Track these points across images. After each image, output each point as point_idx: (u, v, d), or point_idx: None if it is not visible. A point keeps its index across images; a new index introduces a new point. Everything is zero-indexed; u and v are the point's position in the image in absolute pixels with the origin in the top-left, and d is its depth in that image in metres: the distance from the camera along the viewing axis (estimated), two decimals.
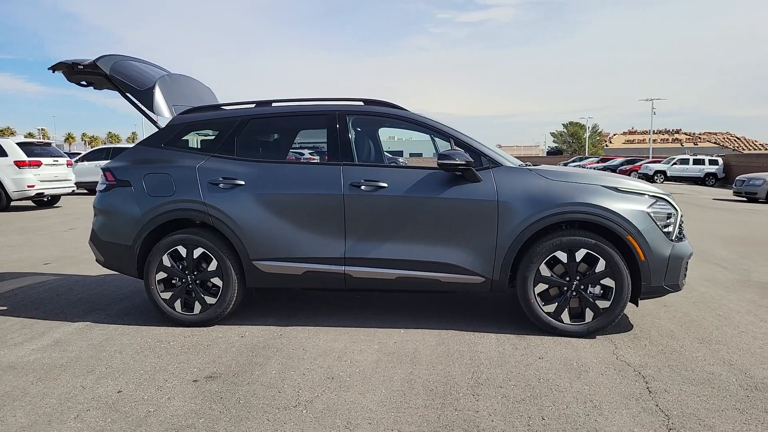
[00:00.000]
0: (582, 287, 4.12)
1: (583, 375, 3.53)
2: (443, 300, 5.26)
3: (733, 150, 79.50)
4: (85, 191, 20.35)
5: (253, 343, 4.14)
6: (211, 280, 4.48)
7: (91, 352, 4.02)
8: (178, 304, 4.53)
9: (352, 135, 4.48)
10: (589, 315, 4.14)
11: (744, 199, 19.28)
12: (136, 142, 5.36)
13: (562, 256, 4.10)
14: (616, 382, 3.44)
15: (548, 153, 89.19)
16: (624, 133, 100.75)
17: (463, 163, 4.08)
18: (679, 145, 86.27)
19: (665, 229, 4.09)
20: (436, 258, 4.22)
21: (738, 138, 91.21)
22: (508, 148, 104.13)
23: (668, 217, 4.12)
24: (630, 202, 4.08)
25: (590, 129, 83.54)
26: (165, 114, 4.80)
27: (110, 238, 4.68)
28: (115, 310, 5.06)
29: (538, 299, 4.17)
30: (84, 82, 5.15)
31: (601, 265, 4.07)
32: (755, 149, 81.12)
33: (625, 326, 4.45)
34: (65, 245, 8.70)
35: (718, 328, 4.44)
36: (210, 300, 4.48)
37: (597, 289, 4.12)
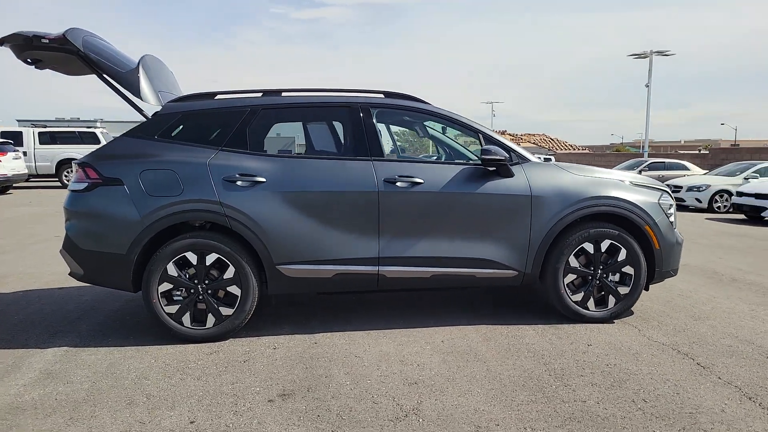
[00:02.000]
0: (605, 276, 4.37)
1: (640, 357, 3.75)
2: (445, 296, 5.25)
3: (548, 150, 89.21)
4: None
5: (295, 355, 3.78)
6: (227, 288, 4.00)
7: (106, 380, 3.38)
8: (186, 318, 3.98)
9: (379, 129, 4.28)
10: (611, 301, 4.40)
11: None
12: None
13: (589, 247, 4.31)
14: (669, 361, 3.70)
15: None
16: (501, 132, 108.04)
17: (503, 158, 4.11)
18: None
19: (670, 219, 4.49)
20: (471, 254, 4.20)
21: (552, 139, 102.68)
22: None
23: (670, 208, 4.53)
24: (644, 195, 4.41)
25: None
26: (151, 101, 4.18)
27: (95, 247, 3.96)
28: (83, 329, 4.29)
29: (567, 289, 4.34)
30: (30, 60, 4.29)
31: (622, 254, 4.35)
32: (566, 149, 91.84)
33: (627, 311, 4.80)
34: None
35: (697, 307, 4.98)
36: (226, 311, 4.00)
37: (617, 277, 4.40)
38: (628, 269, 4.37)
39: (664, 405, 3.07)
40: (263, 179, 3.98)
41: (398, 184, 4.09)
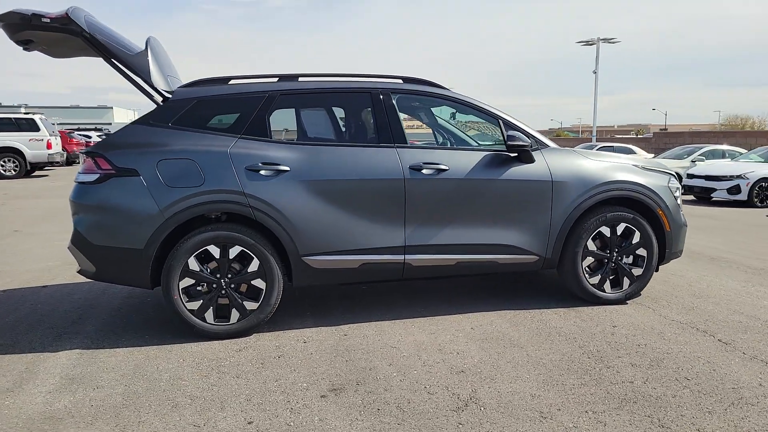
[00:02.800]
0: (620, 258, 4.47)
1: (665, 336, 3.87)
2: (459, 283, 5.25)
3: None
4: None
5: (329, 348, 3.69)
6: (252, 282, 3.85)
7: (139, 383, 3.19)
8: (209, 315, 3.81)
9: (400, 115, 4.19)
10: (626, 283, 4.51)
11: None
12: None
13: (606, 230, 4.39)
14: (693, 339, 3.83)
15: None
16: None
17: (527, 144, 4.12)
18: None
19: (678, 201, 4.64)
20: (494, 240, 4.20)
21: None
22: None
23: (677, 191, 4.67)
24: (655, 179, 4.53)
25: None
26: (161, 85, 3.95)
27: (109, 242, 3.72)
28: (89, 329, 4.04)
29: (585, 273, 4.42)
30: (21, 40, 3.96)
31: (636, 237, 4.46)
32: None
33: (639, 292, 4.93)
34: None
35: (694, 286, 5.18)
36: (251, 305, 3.85)
37: (630, 259, 4.51)
38: (642, 251, 4.49)
39: (707, 382, 3.18)
40: (287, 168, 3.84)
41: (424, 171, 4.04)
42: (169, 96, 3.95)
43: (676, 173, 14.99)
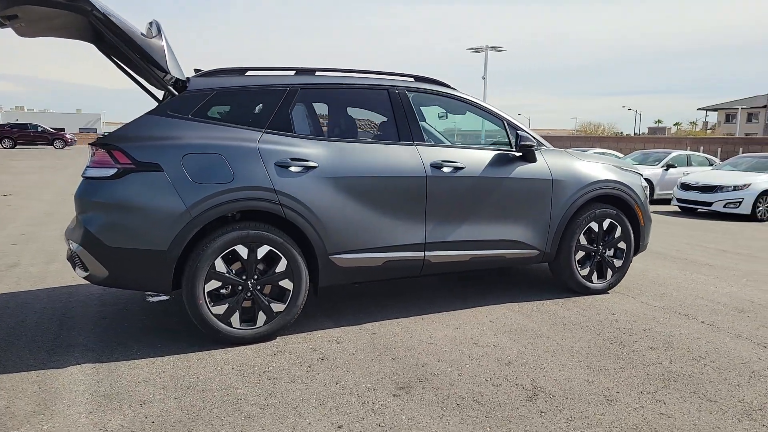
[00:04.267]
0: (604, 251, 4.84)
1: (659, 321, 4.26)
2: (452, 280, 5.35)
3: None
4: None
5: (366, 347, 3.64)
6: (279, 283, 3.70)
7: (190, 395, 2.96)
8: (235, 319, 3.60)
9: (418, 113, 4.23)
10: (609, 274, 4.89)
11: None
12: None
13: (594, 226, 4.74)
14: (682, 322, 4.26)
15: None
16: None
17: (534, 144, 4.34)
18: None
19: (647, 199, 5.11)
20: (503, 236, 4.38)
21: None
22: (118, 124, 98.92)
23: (646, 189, 5.15)
24: (632, 178, 4.96)
25: None
26: (175, 72, 3.65)
27: (127, 243, 3.38)
28: (82, 341, 3.65)
29: (578, 265, 4.73)
30: (8, 15, 3.49)
31: (617, 231, 4.85)
32: None
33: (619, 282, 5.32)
34: None
35: (660, 278, 5.73)
36: (277, 307, 3.69)
37: (612, 252, 4.90)
38: (622, 244, 4.89)
39: (719, 359, 3.56)
40: (315, 164, 3.73)
41: (444, 169, 4.11)
42: (180, 86, 3.67)
43: (647, 179, 15.72)
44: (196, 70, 4.08)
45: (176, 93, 3.63)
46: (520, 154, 4.41)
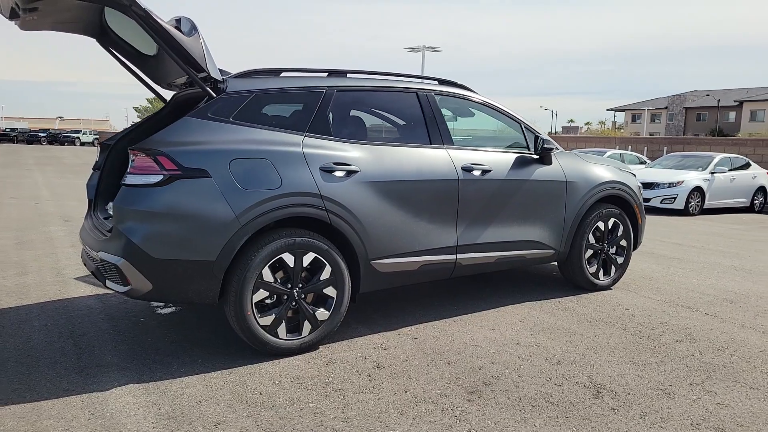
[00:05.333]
0: (608, 249, 5.06)
1: (669, 314, 4.50)
2: (465, 281, 5.39)
3: None
4: None
5: (416, 352, 3.61)
6: (324, 291, 3.60)
7: (263, 411, 2.83)
8: (282, 329, 3.48)
9: (446, 116, 4.23)
10: (612, 270, 5.12)
11: None
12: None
13: (601, 225, 4.94)
14: (690, 314, 4.52)
15: None
16: None
17: (554, 147, 4.47)
18: None
19: (642, 198, 5.38)
20: (524, 237, 4.48)
21: None
22: (74, 120, 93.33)
23: (640, 188, 5.42)
24: (632, 178, 5.20)
25: None
26: (215, 74, 3.48)
27: (174, 254, 3.18)
28: (110, 360, 3.41)
29: (587, 264, 4.92)
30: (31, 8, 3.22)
31: (620, 230, 5.08)
32: None
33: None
34: None
35: (647, 274, 6.04)
36: (322, 316, 3.60)
37: (614, 249, 5.12)
38: (623, 242, 5.13)
39: (741, 349, 3.81)
40: (357, 168, 3.66)
41: (474, 172, 4.14)
42: (217, 87, 3.49)
43: None
44: None
45: (213, 95, 3.44)
46: (538, 156, 4.53)
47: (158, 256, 3.15)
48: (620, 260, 5.15)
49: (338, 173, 3.58)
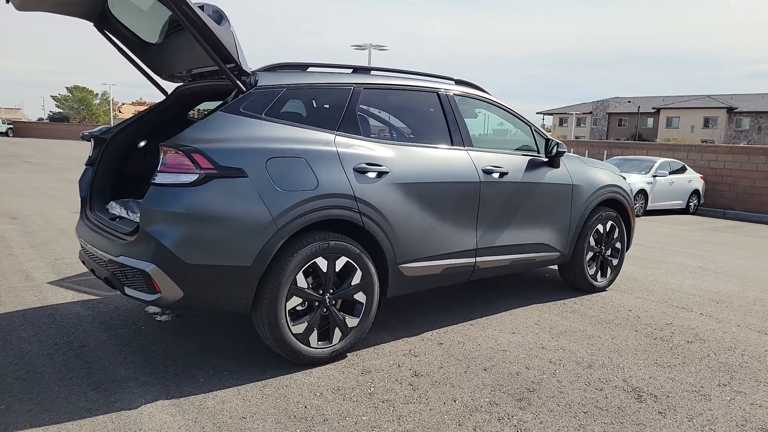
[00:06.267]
0: (605, 251, 5.16)
1: (670, 314, 4.63)
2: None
3: None
4: None
5: (447, 359, 3.53)
6: (354, 296, 3.45)
7: (318, 426, 2.67)
8: (314, 337, 3.31)
9: (464, 117, 4.16)
10: (608, 272, 5.22)
11: None
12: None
13: (601, 228, 5.03)
14: (687, 315, 4.67)
15: (52, 119, 75.97)
16: (133, 103, 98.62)
17: (566, 151, 4.49)
18: None
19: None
20: (536, 239, 4.48)
21: None
22: None
23: (632, 192, 5.56)
24: (624, 182, 5.32)
25: (99, 96, 79.35)
26: (245, 66, 3.26)
27: (208, 259, 2.94)
28: (131, 374, 3.14)
29: (587, 265, 4.99)
30: None
31: (616, 233, 5.19)
32: None
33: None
34: None
35: (627, 275, 6.20)
36: (351, 322, 3.45)
37: (609, 251, 5.23)
38: (618, 244, 5.24)
39: (747, 349, 3.96)
40: (387, 169, 3.54)
41: (493, 174, 4.10)
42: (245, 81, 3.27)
43: None
44: None
45: (243, 89, 3.22)
46: (547, 159, 4.55)
47: (191, 262, 2.91)
48: (615, 262, 5.27)
49: (370, 174, 3.44)
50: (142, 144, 4.14)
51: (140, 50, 3.95)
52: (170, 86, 4.19)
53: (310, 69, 3.60)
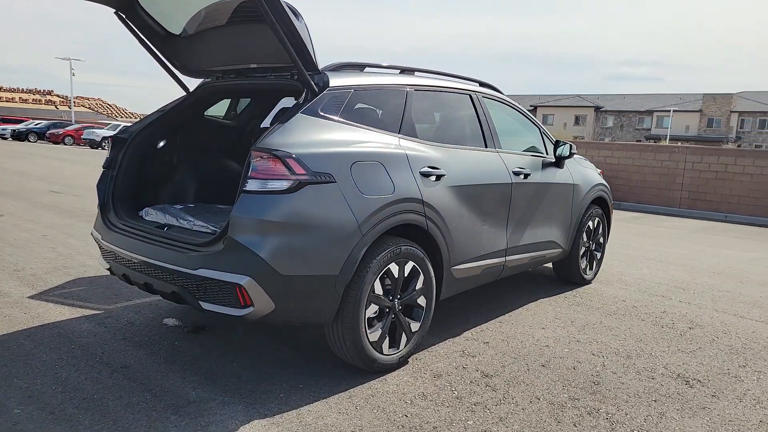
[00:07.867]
0: (592, 246, 5.50)
1: (656, 304, 5.04)
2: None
3: (107, 115, 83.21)
4: None
5: (501, 357, 3.62)
6: (417, 301, 3.44)
7: None
8: (386, 344, 3.26)
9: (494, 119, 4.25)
10: (594, 266, 5.57)
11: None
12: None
13: (591, 224, 5.35)
14: (672, 303, 5.11)
15: None
16: None
17: (575, 152, 4.74)
18: (53, 107, 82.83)
19: None
20: (547, 237, 4.70)
21: (110, 104, 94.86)
22: None
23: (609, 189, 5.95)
24: (603, 179, 5.69)
25: None
26: (316, 63, 3.13)
27: (301, 270, 2.79)
28: (192, 393, 2.93)
29: (581, 260, 5.30)
30: None
31: (600, 228, 5.55)
32: (126, 116, 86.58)
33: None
34: None
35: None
36: (414, 326, 3.45)
37: (593, 246, 5.59)
38: (601, 239, 5.62)
39: (739, 333, 4.41)
40: (444, 172, 3.55)
41: (520, 175, 4.24)
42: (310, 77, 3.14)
43: None
44: None
45: (316, 90, 3.08)
46: (554, 160, 4.77)
47: (286, 273, 2.76)
48: (599, 255, 5.63)
49: (432, 177, 3.44)
50: (161, 144, 3.82)
51: (164, 43, 3.64)
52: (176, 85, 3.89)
53: (367, 69, 3.52)
